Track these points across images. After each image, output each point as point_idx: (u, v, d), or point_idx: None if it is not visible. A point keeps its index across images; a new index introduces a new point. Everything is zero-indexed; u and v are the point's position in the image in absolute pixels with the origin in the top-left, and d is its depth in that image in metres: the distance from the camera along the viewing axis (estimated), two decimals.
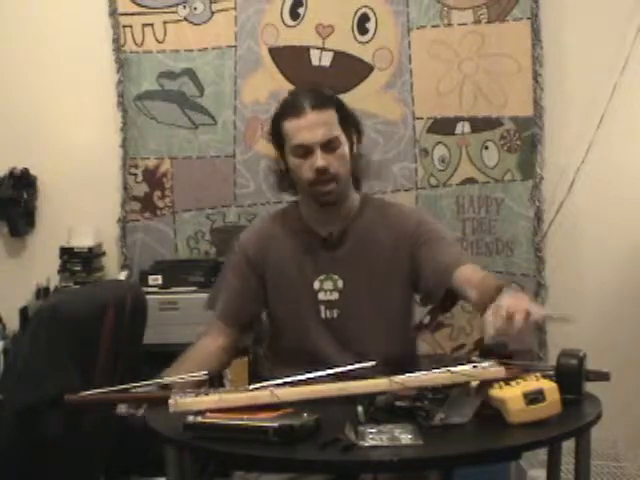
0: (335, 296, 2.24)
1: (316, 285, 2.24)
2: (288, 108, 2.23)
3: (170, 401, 1.75)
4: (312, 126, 2.16)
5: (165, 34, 3.32)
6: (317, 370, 2.00)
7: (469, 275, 2.09)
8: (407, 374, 1.80)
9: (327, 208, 2.24)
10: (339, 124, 2.20)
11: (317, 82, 3.17)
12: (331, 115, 2.20)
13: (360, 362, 2.13)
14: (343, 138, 2.21)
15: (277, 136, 2.24)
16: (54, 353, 2.33)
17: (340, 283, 2.23)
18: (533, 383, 1.74)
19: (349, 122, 2.24)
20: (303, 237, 2.23)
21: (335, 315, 2.24)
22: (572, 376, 1.85)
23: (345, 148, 2.21)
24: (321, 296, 2.24)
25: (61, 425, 2.29)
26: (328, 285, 2.24)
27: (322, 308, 2.24)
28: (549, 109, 3.26)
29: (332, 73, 3.30)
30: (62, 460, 2.32)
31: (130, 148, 3.34)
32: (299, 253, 2.23)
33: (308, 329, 2.25)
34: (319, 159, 2.15)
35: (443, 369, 1.80)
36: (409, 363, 2.21)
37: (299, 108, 2.19)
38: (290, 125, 2.19)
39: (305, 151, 2.16)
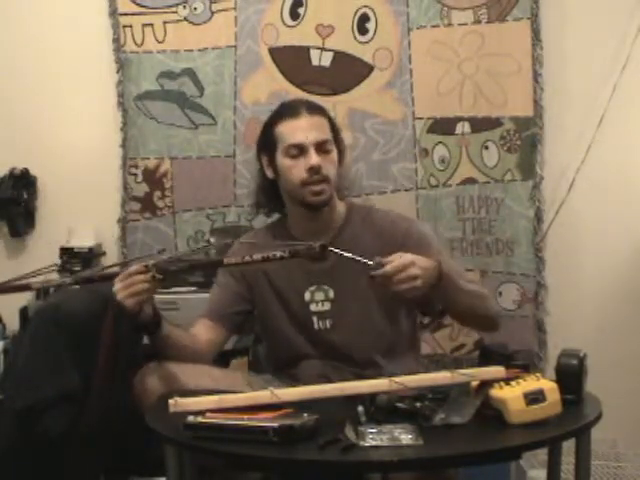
0: (327, 307, 2.24)
1: (307, 296, 2.24)
2: (284, 111, 2.27)
3: (170, 401, 1.75)
4: (308, 127, 2.20)
5: (165, 34, 3.32)
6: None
7: None
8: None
9: (315, 216, 2.24)
10: (331, 133, 2.25)
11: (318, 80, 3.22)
12: (324, 122, 2.25)
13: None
14: (334, 146, 2.25)
15: (268, 141, 2.25)
16: (54, 353, 2.33)
17: (331, 293, 2.23)
18: (533, 383, 1.74)
19: (338, 136, 2.29)
20: None
21: (328, 325, 2.24)
22: (572, 376, 1.85)
23: (335, 155, 2.25)
24: (313, 307, 2.24)
25: (61, 425, 2.29)
26: (319, 296, 2.24)
27: (315, 319, 2.24)
28: (549, 109, 3.25)
29: (332, 73, 3.29)
30: (62, 460, 2.32)
31: (130, 148, 3.34)
32: (289, 265, 2.18)
33: (302, 340, 2.25)
34: (313, 157, 2.17)
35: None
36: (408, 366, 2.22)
37: (296, 110, 2.23)
38: (285, 126, 2.22)
39: (299, 151, 2.18)
